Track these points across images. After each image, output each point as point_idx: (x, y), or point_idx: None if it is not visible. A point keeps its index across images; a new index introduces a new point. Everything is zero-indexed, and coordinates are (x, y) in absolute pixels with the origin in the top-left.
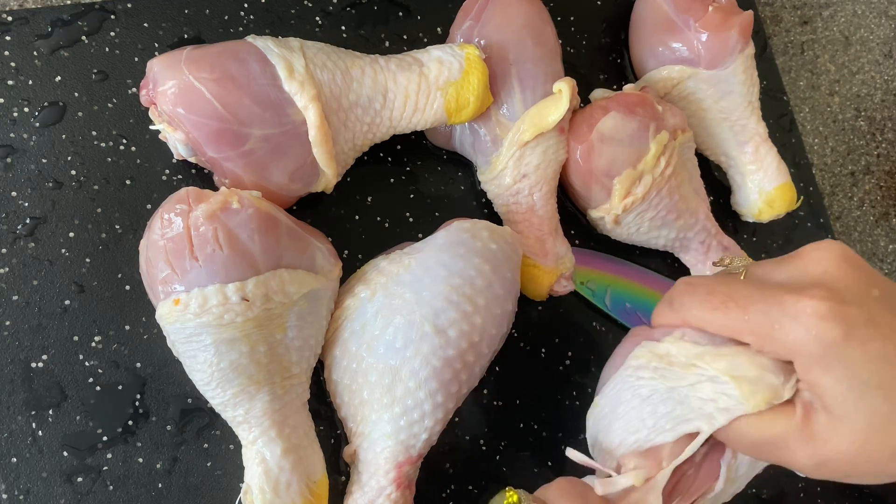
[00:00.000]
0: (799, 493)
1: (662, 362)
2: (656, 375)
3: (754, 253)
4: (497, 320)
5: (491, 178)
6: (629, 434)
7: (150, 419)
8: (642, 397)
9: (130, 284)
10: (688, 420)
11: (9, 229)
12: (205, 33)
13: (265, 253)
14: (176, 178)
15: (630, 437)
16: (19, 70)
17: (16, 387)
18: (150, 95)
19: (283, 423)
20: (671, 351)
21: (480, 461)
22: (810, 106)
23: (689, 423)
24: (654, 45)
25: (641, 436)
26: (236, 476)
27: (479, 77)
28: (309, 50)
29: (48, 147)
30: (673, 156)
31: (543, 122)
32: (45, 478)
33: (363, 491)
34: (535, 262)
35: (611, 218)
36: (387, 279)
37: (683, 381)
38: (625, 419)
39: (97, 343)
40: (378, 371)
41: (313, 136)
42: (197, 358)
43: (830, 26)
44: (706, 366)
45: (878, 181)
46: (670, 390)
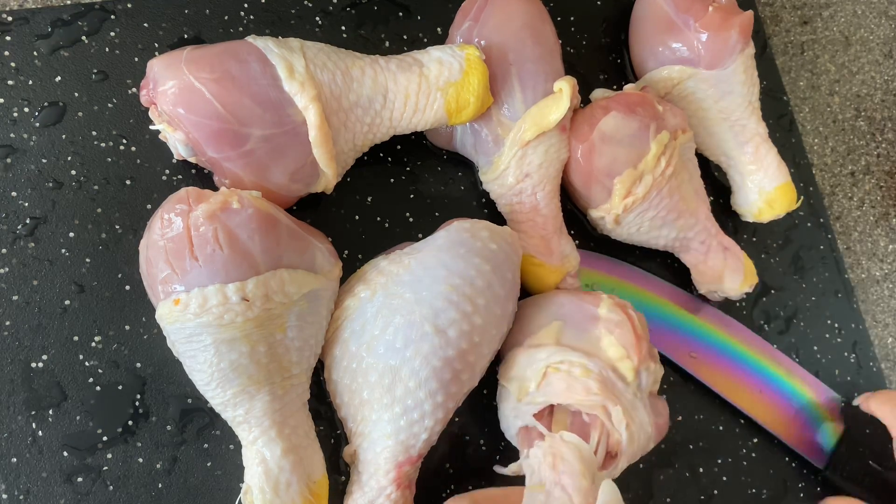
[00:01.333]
0: (799, 493)
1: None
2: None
3: (754, 253)
4: (497, 320)
5: (493, 178)
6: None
7: (150, 419)
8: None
9: (130, 284)
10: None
11: (9, 229)
12: (205, 33)
13: (265, 253)
14: (176, 178)
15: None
16: (19, 70)
17: (16, 387)
18: (150, 95)
19: (283, 423)
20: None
21: (480, 461)
22: (810, 106)
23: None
24: (654, 45)
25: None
26: (236, 476)
27: (480, 77)
28: (309, 50)
29: (48, 147)
30: (673, 156)
31: (545, 121)
32: (45, 478)
33: (363, 491)
34: (540, 262)
35: (611, 218)
36: (387, 279)
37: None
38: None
39: (97, 343)
40: (378, 371)
41: (313, 136)
42: (197, 358)
43: (830, 26)
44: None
45: (878, 181)
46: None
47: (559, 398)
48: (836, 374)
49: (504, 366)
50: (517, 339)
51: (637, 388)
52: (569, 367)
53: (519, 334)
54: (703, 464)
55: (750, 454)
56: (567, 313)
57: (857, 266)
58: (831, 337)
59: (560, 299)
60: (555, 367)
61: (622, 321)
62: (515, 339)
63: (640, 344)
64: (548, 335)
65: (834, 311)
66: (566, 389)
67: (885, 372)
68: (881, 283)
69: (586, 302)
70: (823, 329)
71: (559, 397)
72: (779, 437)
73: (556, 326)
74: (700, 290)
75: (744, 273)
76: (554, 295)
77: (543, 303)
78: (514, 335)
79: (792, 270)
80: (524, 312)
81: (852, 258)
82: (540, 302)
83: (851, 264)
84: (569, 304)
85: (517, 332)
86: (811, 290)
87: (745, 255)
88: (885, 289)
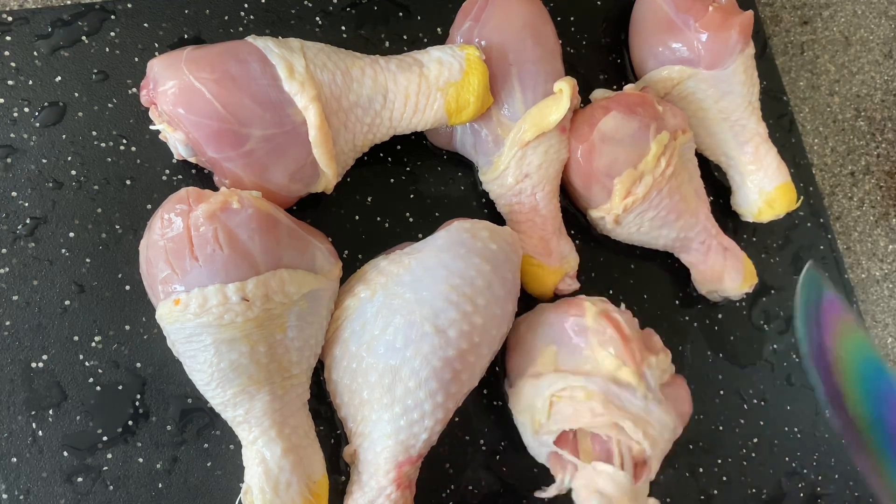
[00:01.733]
0: (799, 493)
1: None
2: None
3: (754, 253)
4: (497, 320)
5: (493, 178)
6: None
7: (150, 419)
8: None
9: (130, 284)
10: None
11: (9, 229)
12: (205, 33)
13: (265, 253)
14: (176, 178)
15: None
16: (19, 70)
17: (16, 387)
18: (150, 95)
19: (283, 423)
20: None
21: (480, 461)
22: (810, 106)
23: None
24: (654, 45)
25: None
26: (236, 476)
27: (480, 78)
28: (309, 50)
29: (48, 147)
30: (673, 156)
31: (545, 122)
32: (45, 478)
33: (363, 491)
34: (539, 262)
35: (611, 218)
36: (387, 279)
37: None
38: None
39: (97, 343)
40: (378, 371)
41: (313, 136)
42: (197, 358)
43: (830, 26)
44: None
45: (878, 181)
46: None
47: (570, 424)
48: None
49: (514, 398)
50: (521, 368)
51: (647, 389)
52: (570, 393)
53: (522, 363)
54: (703, 464)
55: (750, 454)
56: (557, 334)
57: (857, 266)
58: None
59: (548, 318)
60: (558, 396)
61: (602, 329)
62: (520, 368)
63: (629, 347)
64: (545, 363)
65: None
66: (574, 415)
67: None
68: (881, 283)
69: (571, 314)
70: None
71: (570, 423)
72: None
73: (551, 353)
74: (700, 291)
75: (744, 273)
76: (542, 314)
77: (535, 325)
78: (516, 362)
79: (792, 270)
80: (521, 338)
81: (852, 258)
82: (532, 325)
83: (851, 264)
84: (557, 321)
85: (520, 360)
86: None
87: (744, 256)
88: (885, 289)
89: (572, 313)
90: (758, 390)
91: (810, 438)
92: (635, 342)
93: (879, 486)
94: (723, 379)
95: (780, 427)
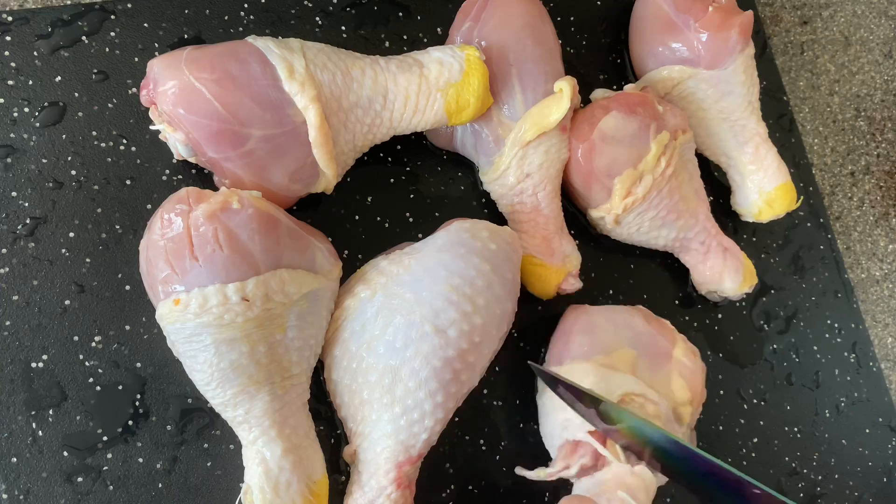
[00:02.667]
0: (798, 493)
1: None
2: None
3: (754, 253)
4: (497, 320)
5: (494, 178)
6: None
7: (150, 419)
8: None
9: (130, 284)
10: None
11: (9, 229)
12: (205, 33)
13: (265, 253)
14: (176, 178)
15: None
16: (19, 70)
17: (16, 387)
18: (150, 95)
19: (283, 423)
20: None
21: (480, 461)
22: (810, 106)
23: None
24: (654, 45)
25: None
26: (236, 476)
27: (480, 78)
28: (309, 50)
29: (48, 147)
30: (673, 156)
31: (545, 122)
32: (45, 478)
33: (363, 491)
34: (541, 262)
35: (611, 218)
36: (387, 279)
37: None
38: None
39: (97, 343)
40: (378, 371)
41: (313, 136)
42: (197, 358)
43: (830, 26)
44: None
45: (878, 181)
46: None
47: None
48: (836, 374)
49: (562, 371)
50: (584, 350)
51: (687, 428)
52: (643, 401)
53: (589, 346)
54: None
55: (750, 454)
56: (643, 343)
57: (857, 266)
58: (831, 337)
59: (637, 325)
60: (630, 397)
61: (695, 369)
62: (582, 349)
63: (701, 392)
64: (623, 362)
65: (834, 311)
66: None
67: (885, 372)
68: (881, 283)
69: (662, 336)
70: (823, 329)
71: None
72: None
73: (632, 355)
74: (700, 291)
75: (743, 273)
76: (631, 317)
77: (620, 322)
78: (580, 344)
79: (792, 270)
80: (597, 325)
81: (852, 258)
82: (616, 319)
83: (851, 264)
84: (646, 334)
85: (585, 342)
86: (811, 290)
87: (744, 256)
88: (885, 289)
89: (664, 335)
90: (758, 390)
91: (810, 438)
92: (704, 390)
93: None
94: (723, 379)
95: (780, 427)
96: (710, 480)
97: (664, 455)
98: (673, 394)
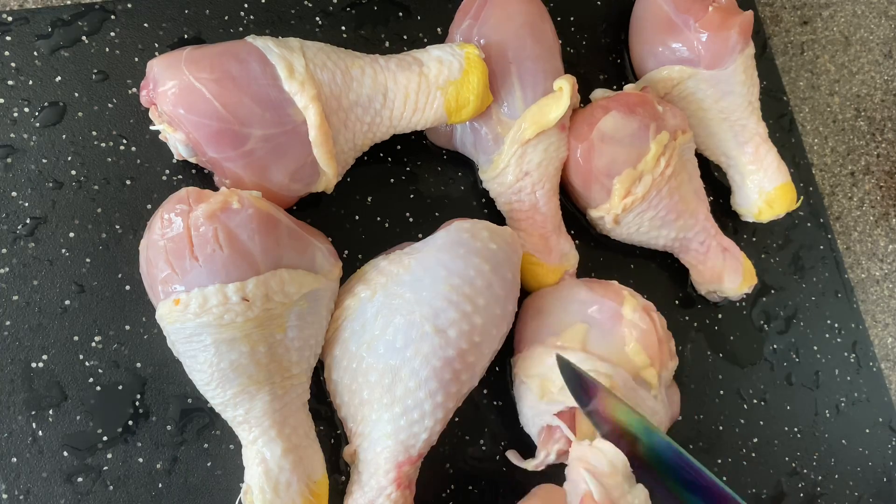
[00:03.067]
0: (798, 493)
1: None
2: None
3: (754, 253)
4: (497, 320)
5: (493, 176)
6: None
7: (150, 419)
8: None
9: (130, 284)
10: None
11: (9, 229)
12: (205, 33)
13: (265, 253)
14: (176, 178)
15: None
16: (19, 70)
17: (16, 387)
18: (150, 96)
19: (284, 423)
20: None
21: (480, 461)
22: (810, 106)
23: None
24: (654, 45)
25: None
26: (236, 476)
27: (479, 76)
28: (309, 50)
29: (48, 147)
30: (673, 156)
31: (544, 120)
32: (45, 478)
33: (363, 491)
34: (539, 261)
35: (611, 217)
36: (387, 279)
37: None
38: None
39: (97, 343)
40: (378, 371)
41: (313, 136)
42: (197, 358)
43: (830, 26)
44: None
45: (878, 181)
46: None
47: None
48: (836, 374)
49: (525, 362)
50: (538, 334)
51: (658, 389)
52: (595, 377)
53: (540, 329)
54: (702, 464)
55: (750, 454)
56: (591, 314)
57: (857, 266)
58: (831, 337)
59: (582, 296)
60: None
61: (647, 329)
62: (536, 333)
63: (663, 349)
64: (573, 338)
65: (834, 311)
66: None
67: (885, 372)
68: (881, 283)
69: (608, 298)
70: (823, 329)
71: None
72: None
73: (582, 330)
74: (699, 291)
75: (743, 274)
76: (575, 289)
77: (566, 297)
78: (534, 329)
79: (792, 270)
80: (545, 306)
81: (852, 258)
82: (562, 296)
83: (851, 264)
84: (591, 302)
85: (538, 325)
86: (811, 290)
87: (744, 256)
88: (885, 289)
89: (609, 297)
90: (758, 390)
91: (810, 438)
92: (665, 345)
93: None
94: (723, 379)
95: (780, 427)
96: (691, 488)
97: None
98: (628, 359)
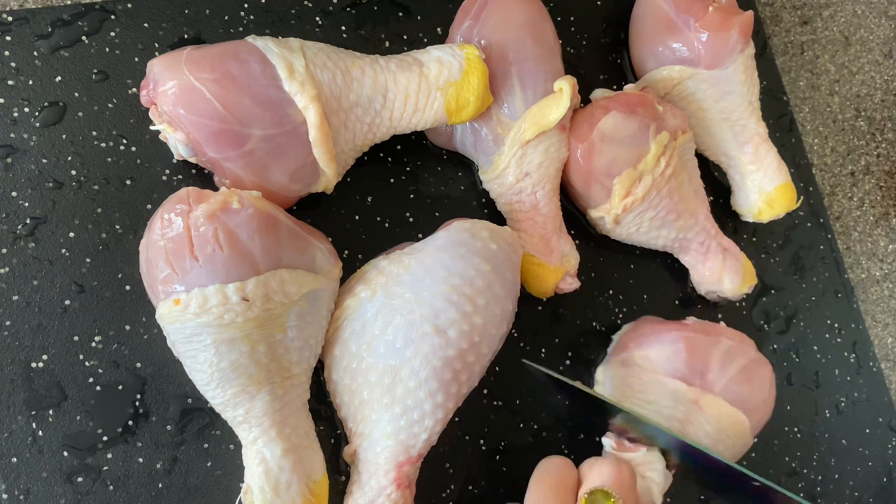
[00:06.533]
0: (798, 493)
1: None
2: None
3: (754, 253)
4: (497, 320)
5: (493, 177)
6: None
7: (150, 419)
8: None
9: (130, 284)
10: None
11: (9, 229)
12: (205, 33)
13: (265, 253)
14: (176, 178)
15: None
16: (19, 70)
17: (16, 387)
18: (150, 96)
19: (284, 423)
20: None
21: (480, 461)
22: (810, 106)
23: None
24: (654, 45)
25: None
26: (236, 476)
27: (479, 77)
28: (309, 50)
29: (48, 147)
30: (673, 156)
31: (545, 121)
32: (45, 478)
33: (363, 491)
34: (539, 261)
35: (611, 218)
36: (387, 279)
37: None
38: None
39: (97, 343)
40: (378, 371)
41: (313, 136)
42: (197, 358)
43: (830, 26)
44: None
45: (878, 181)
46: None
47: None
48: (836, 374)
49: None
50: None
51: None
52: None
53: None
54: None
55: (750, 454)
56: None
57: (857, 266)
58: (831, 337)
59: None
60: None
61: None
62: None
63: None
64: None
65: (834, 311)
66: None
67: (886, 372)
68: (881, 283)
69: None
70: (823, 329)
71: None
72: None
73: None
74: (699, 291)
75: (743, 274)
76: (651, 325)
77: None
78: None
79: (792, 270)
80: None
81: (852, 258)
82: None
83: (851, 264)
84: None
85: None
86: (811, 290)
87: (744, 257)
88: (885, 289)
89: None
90: None
91: (810, 438)
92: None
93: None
94: None
95: (780, 427)
96: (715, 475)
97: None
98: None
